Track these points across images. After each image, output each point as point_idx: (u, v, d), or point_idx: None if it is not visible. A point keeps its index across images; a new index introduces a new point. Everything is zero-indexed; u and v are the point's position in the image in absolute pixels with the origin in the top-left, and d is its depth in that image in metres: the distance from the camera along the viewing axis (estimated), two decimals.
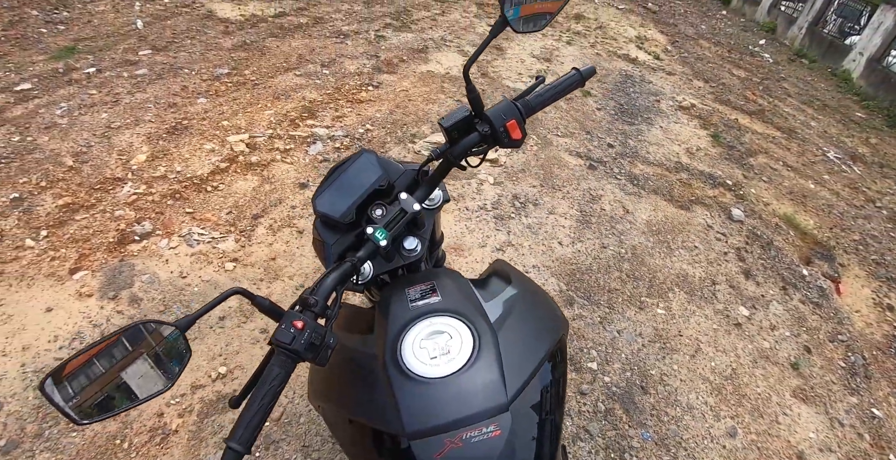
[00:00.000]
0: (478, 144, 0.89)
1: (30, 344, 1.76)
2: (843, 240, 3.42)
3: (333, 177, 0.96)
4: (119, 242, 2.11)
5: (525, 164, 3.27)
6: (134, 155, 2.56)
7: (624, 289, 2.60)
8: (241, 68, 3.49)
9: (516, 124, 0.87)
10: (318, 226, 0.94)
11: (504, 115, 0.87)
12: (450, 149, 0.90)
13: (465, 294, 0.85)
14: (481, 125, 0.88)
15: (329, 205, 0.92)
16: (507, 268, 1.03)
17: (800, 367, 2.41)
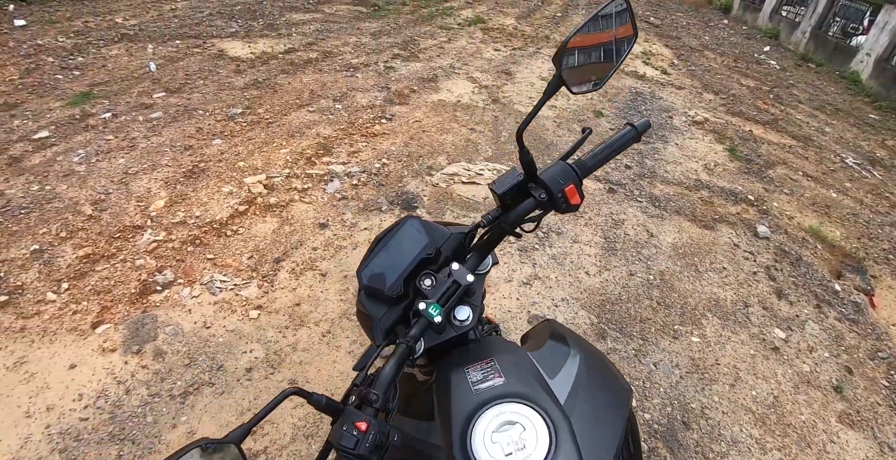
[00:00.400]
0: (533, 210, 0.84)
1: (54, 403, 1.70)
2: (873, 251, 3.30)
3: (378, 247, 0.90)
4: (141, 293, 2.07)
5: None
6: (152, 201, 2.54)
7: (656, 318, 2.51)
8: (255, 107, 3.49)
9: (575, 189, 0.82)
10: (363, 299, 0.88)
11: (561, 180, 0.82)
12: (503, 215, 0.85)
13: (530, 372, 0.78)
14: (536, 190, 0.82)
15: (375, 277, 0.87)
16: (561, 331, 0.94)
17: (843, 390, 2.30)
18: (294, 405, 1.80)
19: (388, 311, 0.87)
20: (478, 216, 2.87)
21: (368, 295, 0.88)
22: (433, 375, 0.88)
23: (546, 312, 2.38)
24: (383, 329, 0.86)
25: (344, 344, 2.05)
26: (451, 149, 3.46)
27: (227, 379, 1.83)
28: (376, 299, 0.88)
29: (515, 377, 0.76)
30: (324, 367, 1.95)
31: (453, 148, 3.47)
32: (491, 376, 0.75)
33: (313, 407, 0.64)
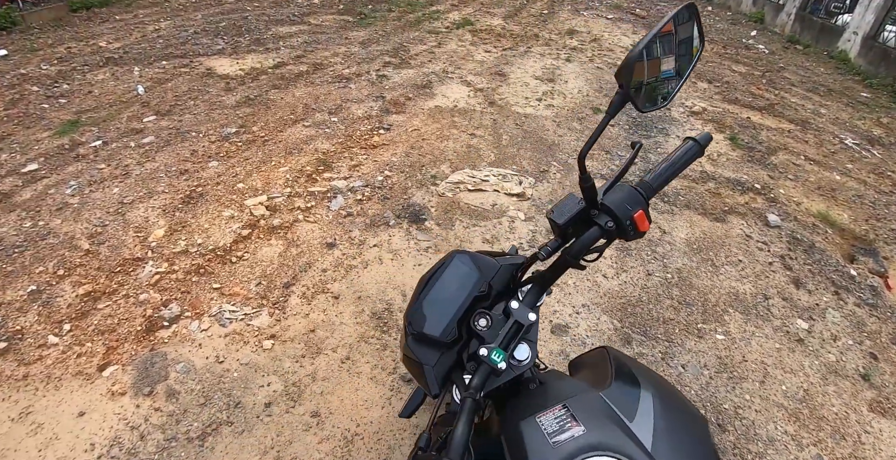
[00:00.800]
0: (598, 239, 0.77)
1: (65, 455, 1.59)
2: (882, 232, 3.24)
3: (427, 288, 0.85)
4: (147, 330, 1.96)
5: (552, 194, 3.12)
6: (151, 230, 2.42)
7: (678, 318, 2.43)
8: (249, 125, 3.38)
9: (644, 215, 0.76)
10: (412, 345, 0.82)
11: (629, 206, 0.75)
12: (566, 247, 0.78)
13: (609, 417, 0.71)
14: (601, 217, 0.76)
15: (427, 322, 0.81)
16: (623, 360, 0.86)
17: (870, 378, 2.25)
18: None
19: (440, 357, 0.80)
20: (492, 226, 2.79)
21: (417, 339, 0.82)
22: (496, 424, 0.80)
23: (568, 320, 2.29)
24: (438, 377, 0.80)
25: (365, 369, 1.95)
26: (452, 156, 3.37)
27: (245, 417, 1.73)
28: (427, 344, 0.81)
29: (595, 424, 0.68)
30: (346, 396, 1.85)
31: (455, 155, 3.38)
32: (568, 425, 0.68)
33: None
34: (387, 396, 1.87)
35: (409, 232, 2.66)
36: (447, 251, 2.63)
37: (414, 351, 0.81)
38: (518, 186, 3.14)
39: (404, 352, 0.86)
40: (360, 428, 1.76)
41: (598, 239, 0.77)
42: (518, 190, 3.10)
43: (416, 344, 0.82)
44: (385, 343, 2.06)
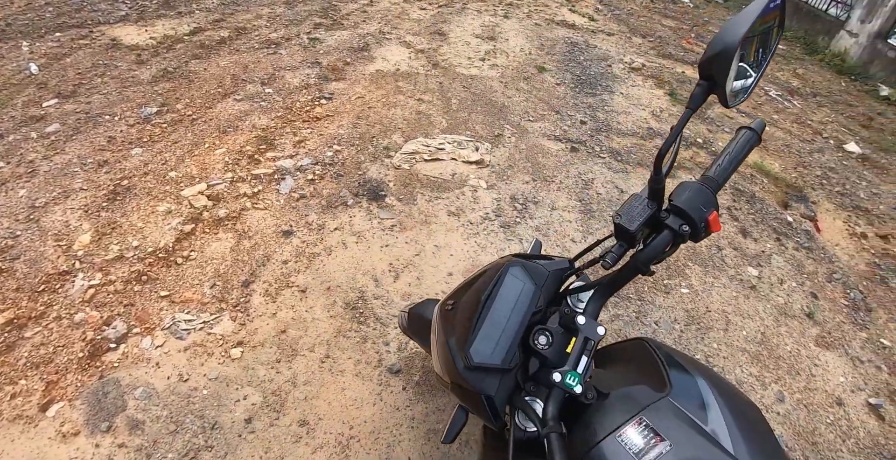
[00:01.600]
0: (670, 244, 0.72)
1: None
2: (808, 178, 3.43)
3: (485, 310, 0.75)
4: (91, 355, 1.65)
5: (510, 159, 2.97)
6: (75, 237, 2.02)
7: (645, 277, 2.44)
8: (172, 103, 2.90)
9: (717, 215, 0.71)
10: (466, 374, 0.72)
11: (703, 207, 0.70)
12: (636, 252, 0.72)
13: (689, 425, 0.65)
14: (673, 220, 0.71)
15: (487, 351, 0.72)
16: (669, 353, 0.79)
17: (814, 315, 2.42)
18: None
19: (500, 384, 0.72)
20: (455, 198, 2.61)
21: (472, 368, 0.72)
22: (571, 446, 0.72)
23: None
24: (501, 407, 0.72)
25: (348, 366, 1.78)
26: (403, 124, 3.10)
27: (226, 438, 1.53)
28: (483, 371, 0.72)
29: (678, 436, 0.63)
30: (333, 398, 1.68)
31: (405, 123, 3.12)
32: (652, 441, 0.63)
33: None
34: (376, 392, 1.72)
35: (370, 210, 2.44)
36: (412, 228, 2.46)
37: (471, 382, 0.72)
38: (475, 153, 2.96)
39: (453, 380, 0.76)
40: (354, 431, 1.61)
41: (670, 243, 0.71)
42: (476, 157, 2.93)
43: (472, 372, 0.72)
44: (364, 335, 1.89)
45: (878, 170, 3.64)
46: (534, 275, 0.78)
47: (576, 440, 0.69)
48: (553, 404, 0.67)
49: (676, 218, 0.71)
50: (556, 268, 0.82)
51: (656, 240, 0.70)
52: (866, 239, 3.01)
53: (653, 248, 0.70)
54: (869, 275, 2.75)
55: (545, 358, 0.72)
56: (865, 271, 2.77)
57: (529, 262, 0.81)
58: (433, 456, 1.58)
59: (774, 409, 1.98)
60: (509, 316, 0.74)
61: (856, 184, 3.43)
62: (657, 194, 0.71)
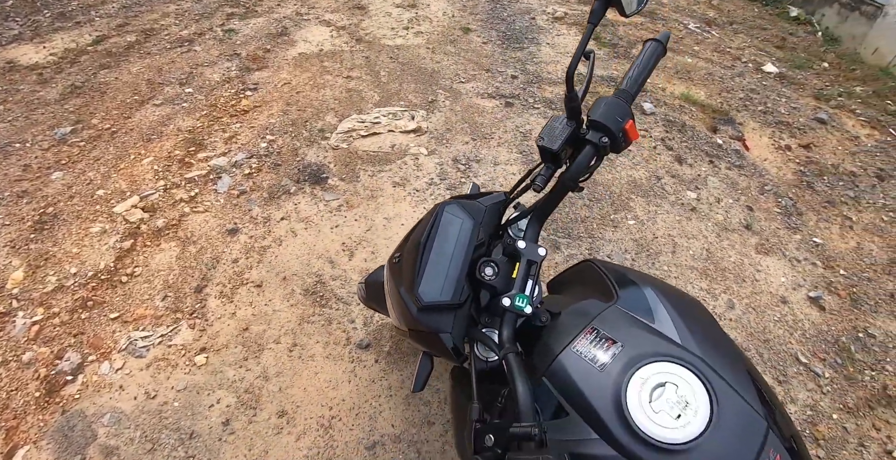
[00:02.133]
0: (593, 158, 0.73)
1: None
2: (732, 102, 3.45)
3: (426, 251, 0.74)
4: (48, 392, 1.52)
5: (447, 122, 2.86)
6: (6, 275, 1.83)
7: (593, 214, 2.43)
8: (86, 119, 2.63)
9: (633, 124, 0.71)
10: (421, 317, 0.71)
11: (619, 118, 0.70)
12: (562, 172, 0.73)
13: (637, 326, 0.67)
14: (593, 135, 0.71)
15: (436, 290, 0.71)
16: (614, 267, 0.81)
17: (751, 226, 2.49)
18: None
19: (455, 320, 0.71)
20: (398, 168, 2.50)
21: (425, 310, 0.71)
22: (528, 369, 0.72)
23: None
24: (459, 342, 0.71)
25: (317, 350, 1.71)
26: (335, 104, 2.93)
27: (206, 444, 1.46)
28: (436, 311, 0.71)
29: (629, 337, 0.65)
30: (308, 384, 1.62)
31: (337, 102, 2.94)
32: (605, 345, 0.64)
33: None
34: (349, 369, 1.67)
35: (315, 194, 2.31)
36: (360, 205, 2.36)
37: (425, 323, 0.71)
38: (411, 122, 2.83)
39: (410, 327, 0.75)
40: (334, 411, 1.56)
41: (593, 157, 0.72)
42: (412, 125, 2.80)
43: (425, 314, 0.71)
44: (329, 317, 1.82)
45: (795, 86, 3.69)
46: (471, 212, 0.78)
47: (535, 361, 0.69)
48: (507, 328, 0.67)
49: (596, 132, 0.70)
50: (492, 202, 0.82)
51: (580, 156, 0.70)
52: (791, 150, 3.07)
53: (578, 164, 0.70)
54: (797, 182, 2.83)
55: (494, 287, 0.72)
56: (793, 179, 2.85)
57: (464, 200, 0.80)
58: (415, 419, 1.56)
59: (727, 316, 2.04)
60: (452, 253, 0.73)
61: (776, 101, 3.47)
62: (575, 112, 0.71)
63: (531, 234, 0.77)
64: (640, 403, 0.56)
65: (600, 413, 0.58)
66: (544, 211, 0.80)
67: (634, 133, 0.71)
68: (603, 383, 0.60)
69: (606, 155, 0.73)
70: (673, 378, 0.58)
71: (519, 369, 0.59)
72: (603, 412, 0.58)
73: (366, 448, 1.48)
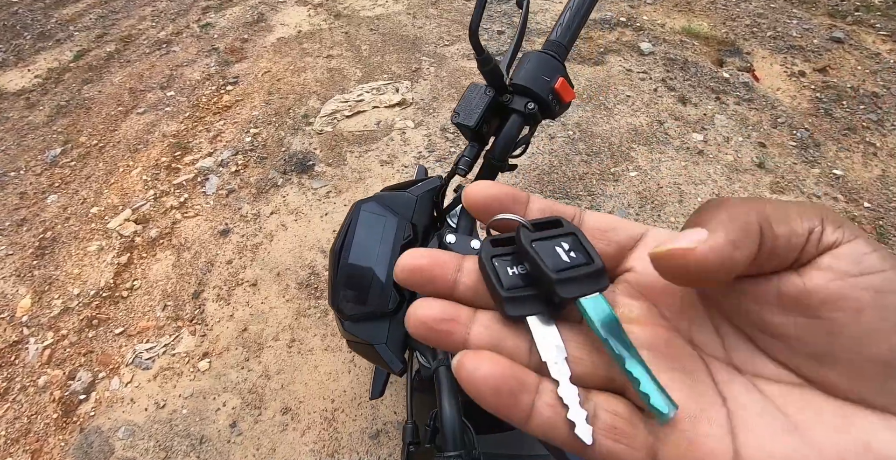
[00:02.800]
0: (521, 129, 0.58)
1: None
2: (739, 30, 3.01)
3: (342, 259, 0.63)
4: (65, 413, 1.52)
5: (433, 90, 2.62)
6: (15, 304, 1.81)
7: (591, 170, 2.19)
8: (74, 138, 2.55)
9: (565, 82, 0.56)
10: (351, 328, 0.63)
11: (546, 76, 0.55)
12: (487, 150, 0.60)
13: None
14: (516, 102, 0.56)
15: (358, 301, 0.62)
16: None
17: (765, 164, 2.20)
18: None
19: (390, 328, 0.63)
20: (384, 146, 2.32)
21: (355, 320, 0.63)
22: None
23: None
24: (396, 351, 0.62)
25: (315, 344, 1.64)
26: (316, 87, 2.73)
27: (216, 447, 1.42)
28: (368, 319, 0.63)
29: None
30: (309, 378, 1.56)
31: (319, 85, 2.74)
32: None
33: None
34: (349, 360, 1.59)
35: (302, 184, 2.18)
36: (348, 189, 2.21)
37: (356, 333, 0.62)
38: (396, 95, 2.61)
39: (346, 338, 0.67)
40: (336, 403, 1.49)
41: (521, 128, 0.58)
42: (397, 98, 2.58)
43: (357, 324, 0.63)
44: (324, 308, 1.72)
45: (806, 6, 3.17)
46: (395, 206, 0.66)
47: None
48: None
49: (520, 97, 0.55)
50: (424, 190, 0.69)
51: (504, 129, 0.56)
52: (805, 76, 2.67)
53: (504, 140, 0.57)
54: (812, 111, 2.46)
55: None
56: (808, 108, 2.48)
57: (387, 194, 0.69)
58: None
59: None
60: (375, 256, 0.62)
61: (787, 24, 3.00)
62: (493, 76, 0.55)
63: (465, 225, 0.63)
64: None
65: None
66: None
67: (568, 92, 0.56)
68: None
69: (539, 122, 0.58)
70: None
71: (449, 387, 0.51)
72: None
73: (370, 437, 1.42)
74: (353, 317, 0.62)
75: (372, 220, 0.64)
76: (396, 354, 0.62)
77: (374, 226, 0.64)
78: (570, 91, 0.55)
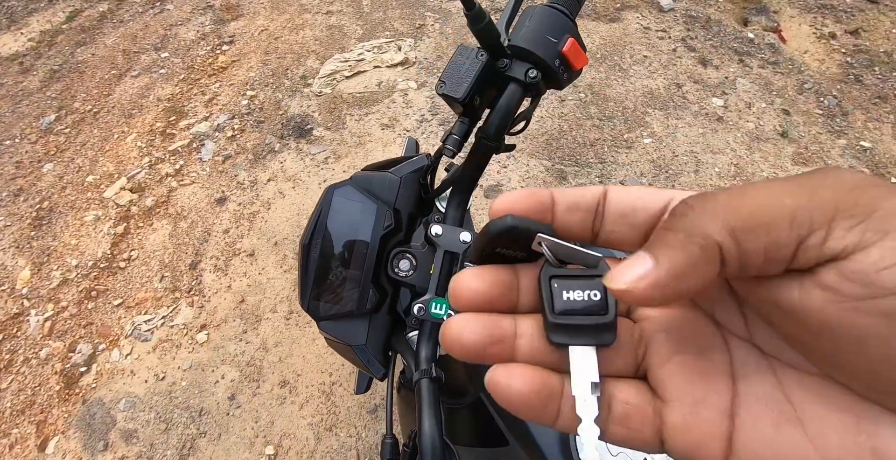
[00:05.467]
0: (521, 100, 0.44)
1: None
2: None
3: (311, 254, 0.52)
4: (67, 385, 1.44)
5: (437, 49, 2.35)
6: (15, 276, 1.70)
7: (603, 136, 1.98)
8: (68, 103, 2.35)
9: (576, 43, 0.41)
10: (328, 328, 0.53)
11: (552, 37, 0.41)
12: (481, 127, 0.46)
13: None
14: (515, 68, 0.42)
15: (333, 300, 0.52)
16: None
17: (788, 133, 1.96)
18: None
19: (370, 329, 0.53)
20: (386, 108, 2.10)
21: (332, 320, 0.53)
22: (462, 372, 0.59)
23: (497, 178, 1.85)
24: (377, 353, 0.54)
25: None
26: (315, 45, 2.47)
27: (216, 420, 1.36)
28: (345, 318, 0.53)
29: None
30: (307, 351, 1.46)
31: (318, 43, 2.48)
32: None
33: None
34: None
35: (300, 149, 2.00)
36: (347, 154, 2.02)
37: (333, 334, 0.53)
38: (398, 53, 2.35)
39: (325, 337, 0.57)
40: (334, 376, 1.41)
41: (521, 101, 0.44)
42: (399, 57, 2.32)
43: (332, 324, 0.53)
44: None
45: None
46: (374, 190, 0.55)
47: (479, 371, 0.53)
48: (425, 343, 0.47)
49: (520, 63, 0.42)
50: (409, 170, 0.57)
51: (501, 101, 0.44)
52: (835, 38, 2.33)
53: (500, 114, 0.44)
54: (841, 76, 2.16)
55: (412, 286, 0.53)
56: (837, 73, 2.18)
57: (366, 174, 0.57)
58: None
59: None
60: (350, 248, 0.52)
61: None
62: (487, 36, 0.41)
63: (453, 214, 0.52)
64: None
65: (543, 448, 0.45)
66: (468, 181, 0.52)
67: (580, 57, 0.42)
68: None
69: (542, 94, 0.45)
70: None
71: (429, 399, 0.41)
72: (546, 447, 0.45)
73: (368, 412, 1.33)
74: (327, 317, 0.53)
75: (347, 207, 0.53)
76: (377, 357, 0.54)
77: (349, 214, 0.53)
78: (582, 55, 0.42)
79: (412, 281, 0.53)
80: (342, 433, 1.31)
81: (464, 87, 0.42)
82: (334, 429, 1.32)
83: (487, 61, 0.42)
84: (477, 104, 0.45)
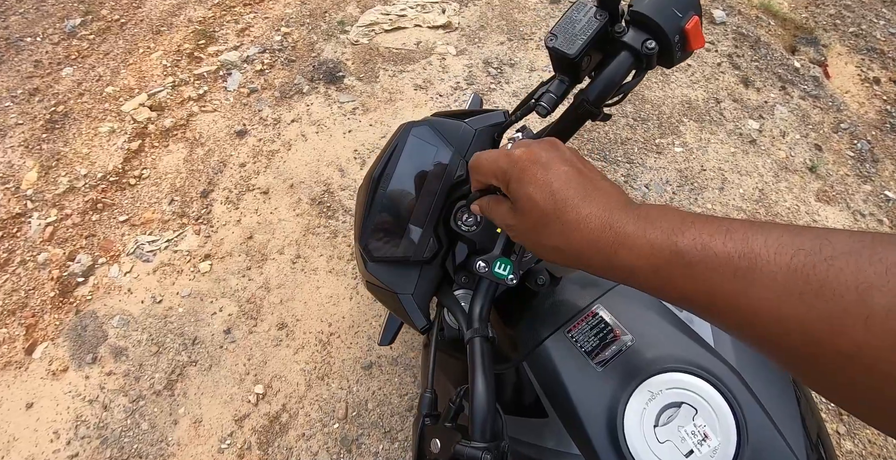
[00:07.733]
0: (630, 71, 0.40)
1: (32, 453, 1.20)
2: (820, 18, 2.53)
3: (380, 191, 0.48)
4: (62, 293, 1.39)
5: (482, 19, 2.24)
6: (21, 176, 1.61)
7: (635, 137, 1.93)
8: (96, 9, 2.18)
9: (699, 23, 0.40)
10: (375, 270, 0.50)
11: (678, 10, 0.38)
12: (582, 89, 0.41)
13: (660, 314, 0.44)
14: (633, 36, 0.39)
15: (390, 241, 0.48)
16: None
17: (816, 169, 1.93)
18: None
19: (419, 279, 0.50)
20: (421, 69, 2.01)
21: (378, 261, 0.50)
22: (507, 342, 0.55)
23: None
24: (423, 306, 0.50)
25: (320, 264, 1.49)
26: None
27: (208, 351, 1.33)
28: (397, 265, 0.50)
29: (644, 328, 0.44)
30: (309, 298, 1.43)
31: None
32: (610, 336, 0.44)
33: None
34: (352, 286, 1.45)
35: (329, 95, 1.91)
36: (376, 108, 1.94)
37: (381, 279, 0.50)
38: (442, 16, 2.23)
39: (367, 279, 0.54)
40: (333, 327, 1.38)
41: (629, 71, 0.41)
42: (442, 20, 2.21)
43: (382, 267, 0.50)
44: (335, 229, 1.55)
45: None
46: (450, 137, 0.51)
47: (518, 337, 0.51)
48: (479, 301, 0.45)
49: (638, 31, 0.40)
50: (485, 124, 0.53)
51: (610, 67, 0.41)
52: (879, 84, 2.28)
53: (605, 80, 0.41)
54: (878, 123, 2.12)
55: (472, 242, 0.50)
56: (875, 119, 2.14)
57: (445, 120, 0.52)
58: (414, 344, 1.36)
59: None
60: (417, 192, 0.49)
61: (873, 23, 2.52)
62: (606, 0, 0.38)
63: None
64: (641, 425, 0.39)
65: (586, 426, 0.41)
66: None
67: (698, 38, 0.41)
68: (597, 387, 0.43)
69: (651, 68, 0.43)
70: (693, 398, 0.39)
71: (483, 365, 0.38)
72: (590, 426, 0.41)
73: (362, 367, 1.32)
74: (380, 259, 0.50)
75: (422, 149, 0.49)
76: (422, 309, 0.51)
77: (423, 155, 0.49)
78: (701, 37, 0.40)
79: (474, 236, 0.50)
80: (334, 384, 1.30)
81: (578, 45, 0.39)
82: (326, 379, 1.31)
83: (605, 23, 0.39)
84: (581, 65, 0.42)
